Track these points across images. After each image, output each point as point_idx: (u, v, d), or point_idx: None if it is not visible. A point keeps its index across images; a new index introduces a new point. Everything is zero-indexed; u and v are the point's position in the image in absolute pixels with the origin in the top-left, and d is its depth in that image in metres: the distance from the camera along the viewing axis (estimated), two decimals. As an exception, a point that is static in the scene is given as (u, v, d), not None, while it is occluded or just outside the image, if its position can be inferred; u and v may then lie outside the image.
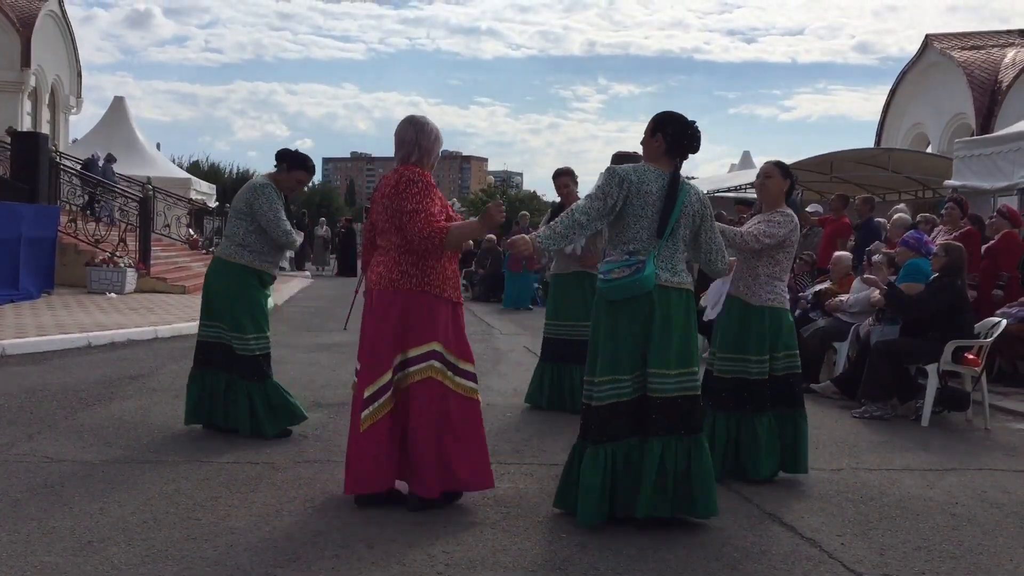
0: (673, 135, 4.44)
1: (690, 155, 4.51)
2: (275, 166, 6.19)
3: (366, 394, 4.49)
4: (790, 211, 5.43)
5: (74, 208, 18.54)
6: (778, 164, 5.53)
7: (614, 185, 4.32)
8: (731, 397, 5.35)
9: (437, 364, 4.51)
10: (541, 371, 7.47)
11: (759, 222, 5.38)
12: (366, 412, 4.47)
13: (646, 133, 4.53)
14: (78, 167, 20.80)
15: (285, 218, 6.03)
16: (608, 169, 4.42)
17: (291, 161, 6.14)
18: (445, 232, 4.44)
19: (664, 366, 4.34)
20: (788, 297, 5.54)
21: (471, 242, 4.66)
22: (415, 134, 4.64)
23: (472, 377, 4.65)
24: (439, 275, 4.54)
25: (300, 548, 3.97)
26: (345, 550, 3.96)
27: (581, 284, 7.22)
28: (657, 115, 4.54)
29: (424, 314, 4.50)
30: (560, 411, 7.13)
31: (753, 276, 5.37)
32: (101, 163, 22.03)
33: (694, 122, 4.49)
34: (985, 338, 7.56)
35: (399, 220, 4.48)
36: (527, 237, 4.34)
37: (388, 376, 4.49)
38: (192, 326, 12.12)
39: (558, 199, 7.75)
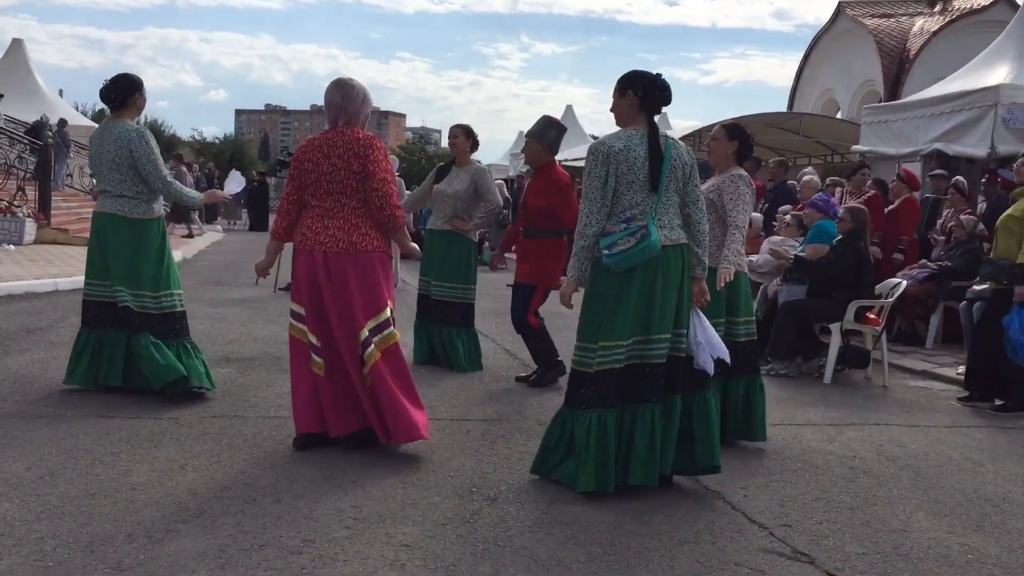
0: (644, 90, 4.40)
1: (663, 108, 4.45)
2: (115, 104, 5.73)
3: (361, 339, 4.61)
4: (739, 172, 5.29)
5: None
6: (725, 126, 5.42)
7: (599, 164, 4.29)
8: None
9: (392, 329, 4.70)
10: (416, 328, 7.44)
11: (712, 189, 5.22)
12: (366, 362, 4.60)
13: (615, 95, 4.46)
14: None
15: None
16: (591, 149, 4.35)
17: (139, 87, 5.80)
18: (401, 221, 4.66)
19: (663, 330, 4.32)
20: (746, 261, 5.33)
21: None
22: (341, 97, 4.69)
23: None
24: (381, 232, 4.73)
25: (205, 503, 3.88)
26: (251, 505, 3.89)
27: (450, 244, 7.26)
28: (623, 75, 4.46)
29: (384, 273, 4.69)
30: (435, 366, 7.20)
31: (710, 239, 5.11)
32: (55, 128, 21.28)
33: (660, 75, 4.45)
34: (886, 299, 7.81)
35: (361, 183, 4.58)
36: (569, 289, 4.45)
37: (365, 334, 4.60)
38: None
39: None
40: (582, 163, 21.96)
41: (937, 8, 23.46)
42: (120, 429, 4.96)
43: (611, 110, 4.49)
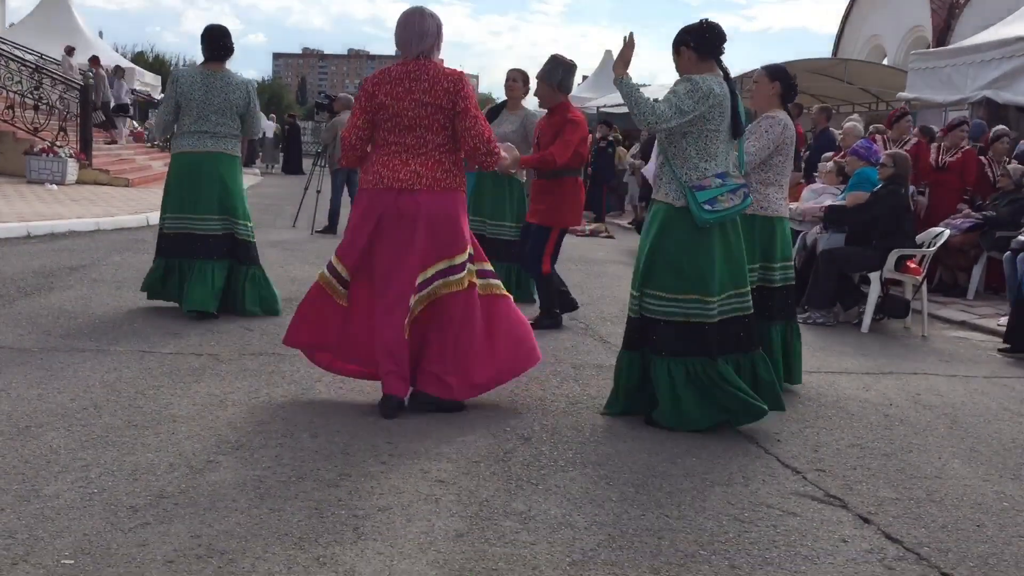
0: (696, 40, 4.44)
1: (724, 48, 4.46)
2: (226, 55, 6.39)
3: (418, 281, 4.38)
4: (775, 114, 5.21)
5: (11, 95, 17.82)
6: (766, 67, 5.37)
7: (700, 101, 4.26)
8: None
9: (472, 266, 4.53)
10: None
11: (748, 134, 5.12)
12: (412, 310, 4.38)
13: (673, 59, 4.50)
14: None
15: None
16: (691, 81, 4.29)
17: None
18: (499, 156, 4.52)
19: (729, 288, 4.42)
20: (785, 205, 5.30)
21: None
22: (436, 26, 4.53)
23: (492, 275, 4.67)
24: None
25: (243, 437, 3.96)
26: (289, 439, 3.96)
27: (499, 184, 7.30)
28: (673, 38, 4.49)
29: (464, 213, 4.53)
30: None
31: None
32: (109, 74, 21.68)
33: (705, 19, 4.49)
34: (928, 248, 7.69)
35: (448, 120, 4.39)
36: (622, 71, 4.35)
37: (429, 273, 4.41)
38: (136, 219, 11.90)
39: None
40: (622, 110, 21.67)
41: (991, -49, 22.69)
42: (162, 364, 5.06)
43: (676, 70, 4.50)
